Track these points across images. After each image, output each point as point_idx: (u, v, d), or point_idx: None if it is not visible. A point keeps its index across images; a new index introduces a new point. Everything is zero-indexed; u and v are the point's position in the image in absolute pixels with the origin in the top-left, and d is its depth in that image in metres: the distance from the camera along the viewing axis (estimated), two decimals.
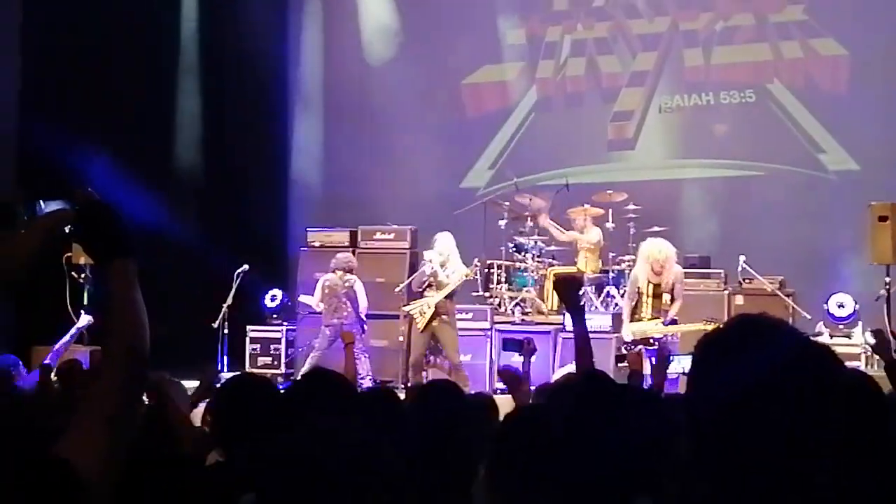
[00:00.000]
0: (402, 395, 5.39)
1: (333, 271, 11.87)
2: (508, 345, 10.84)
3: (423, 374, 11.24)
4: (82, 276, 12.14)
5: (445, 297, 11.28)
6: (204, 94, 14.88)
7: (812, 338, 1.82)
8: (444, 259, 11.39)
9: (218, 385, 5.05)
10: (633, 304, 10.41)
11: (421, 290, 11.45)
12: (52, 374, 6.66)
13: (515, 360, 6.75)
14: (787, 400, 1.70)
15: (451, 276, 11.30)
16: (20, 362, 7.88)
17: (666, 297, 10.52)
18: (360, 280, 11.99)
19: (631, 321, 10.33)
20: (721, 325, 1.89)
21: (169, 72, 14.61)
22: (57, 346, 10.07)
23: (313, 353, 11.66)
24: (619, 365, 10.75)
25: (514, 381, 4.40)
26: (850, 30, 13.43)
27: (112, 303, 2.10)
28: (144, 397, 6.22)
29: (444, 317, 11.27)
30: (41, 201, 2.17)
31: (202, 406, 5.06)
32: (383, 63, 15.40)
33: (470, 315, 12.04)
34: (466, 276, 11.49)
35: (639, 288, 10.47)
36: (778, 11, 13.94)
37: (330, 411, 2.81)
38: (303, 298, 12.46)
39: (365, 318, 11.82)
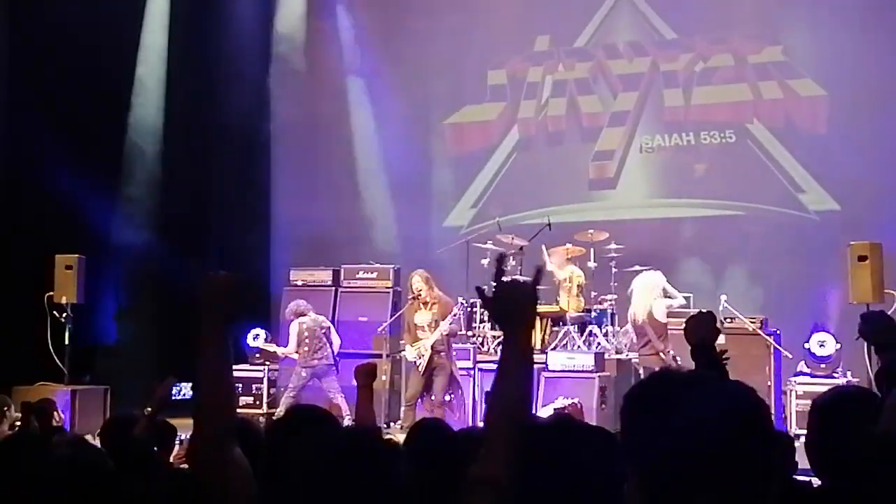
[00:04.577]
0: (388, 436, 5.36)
1: (301, 315, 11.88)
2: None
3: (417, 411, 11.28)
4: (63, 315, 12.10)
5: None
6: (188, 136, 14.89)
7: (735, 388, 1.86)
8: (425, 297, 11.40)
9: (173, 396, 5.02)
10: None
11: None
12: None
13: None
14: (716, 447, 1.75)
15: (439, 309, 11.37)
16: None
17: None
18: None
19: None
20: (638, 384, 1.94)
21: (152, 111, 14.68)
22: None
23: (288, 395, 11.63)
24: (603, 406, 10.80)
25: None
26: (828, 71, 13.56)
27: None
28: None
29: (441, 353, 11.30)
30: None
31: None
32: (367, 104, 15.45)
33: (454, 353, 12.04)
34: (454, 316, 11.52)
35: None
36: (757, 53, 14.07)
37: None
38: (275, 349, 12.42)
39: (337, 359, 11.84)
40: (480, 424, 10.68)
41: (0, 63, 13.42)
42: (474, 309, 12.80)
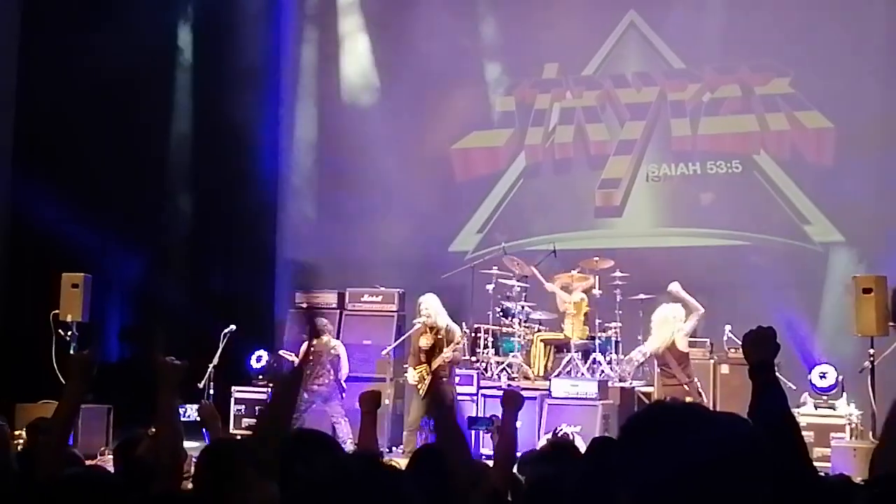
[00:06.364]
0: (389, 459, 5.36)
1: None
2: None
3: (419, 436, 11.30)
4: (69, 333, 12.12)
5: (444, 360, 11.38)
6: (194, 155, 14.95)
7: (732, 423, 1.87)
8: (433, 321, 11.44)
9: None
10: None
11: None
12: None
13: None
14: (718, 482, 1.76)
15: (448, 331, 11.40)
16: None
17: None
18: (342, 344, 12.15)
19: None
20: (636, 413, 1.96)
21: (160, 135, 14.74)
22: None
23: None
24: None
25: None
26: (835, 103, 13.58)
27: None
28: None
29: (444, 379, 11.32)
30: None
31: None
32: (374, 127, 15.49)
33: (457, 379, 12.06)
34: (458, 344, 11.54)
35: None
36: (764, 84, 14.11)
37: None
38: (292, 357, 12.44)
39: (345, 385, 11.83)
40: (485, 451, 10.67)
41: (9, 83, 13.51)
42: (478, 335, 12.81)
